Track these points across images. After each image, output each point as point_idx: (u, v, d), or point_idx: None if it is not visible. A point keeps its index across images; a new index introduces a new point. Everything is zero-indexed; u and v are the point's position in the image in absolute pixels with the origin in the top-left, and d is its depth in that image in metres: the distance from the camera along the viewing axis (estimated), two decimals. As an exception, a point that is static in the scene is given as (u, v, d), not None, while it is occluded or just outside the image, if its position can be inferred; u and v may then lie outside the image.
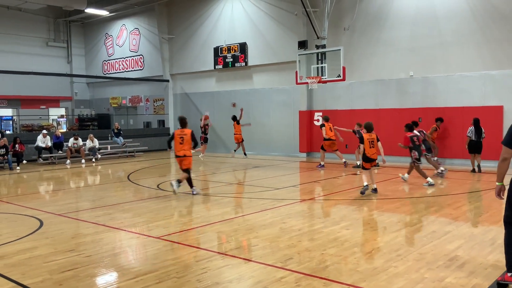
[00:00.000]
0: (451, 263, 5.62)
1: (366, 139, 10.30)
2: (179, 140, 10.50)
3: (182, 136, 10.50)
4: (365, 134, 10.39)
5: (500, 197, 4.83)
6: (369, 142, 10.31)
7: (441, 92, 16.40)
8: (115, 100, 29.90)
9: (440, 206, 9.15)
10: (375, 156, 10.44)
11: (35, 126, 26.19)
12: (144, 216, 8.79)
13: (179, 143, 10.46)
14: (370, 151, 10.33)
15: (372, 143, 10.34)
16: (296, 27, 19.77)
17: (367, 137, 10.32)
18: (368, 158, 10.36)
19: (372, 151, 10.36)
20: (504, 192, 4.81)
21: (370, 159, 10.38)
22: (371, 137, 10.39)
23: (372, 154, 10.37)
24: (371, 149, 10.33)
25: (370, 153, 10.33)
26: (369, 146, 10.29)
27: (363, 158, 10.45)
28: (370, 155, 10.34)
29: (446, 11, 16.16)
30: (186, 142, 10.42)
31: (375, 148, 10.39)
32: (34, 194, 12.03)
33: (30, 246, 6.71)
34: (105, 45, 29.95)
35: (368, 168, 10.53)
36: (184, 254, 6.16)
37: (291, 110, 20.67)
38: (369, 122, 10.61)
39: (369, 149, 10.30)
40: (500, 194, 4.83)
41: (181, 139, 10.45)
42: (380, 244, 6.51)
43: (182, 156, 10.50)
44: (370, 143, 10.32)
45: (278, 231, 7.33)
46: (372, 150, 10.36)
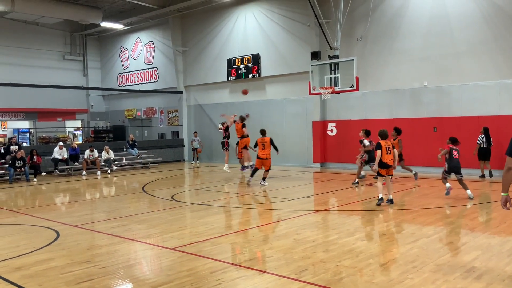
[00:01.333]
0: (468, 274, 5.54)
1: (383, 145, 10.23)
2: (261, 146, 14.24)
3: (264, 142, 14.24)
4: (381, 141, 10.32)
5: (506, 208, 4.72)
6: (386, 148, 10.26)
7: (456, 101, 16.27)
8: (130, 112, 30.23)
9: (457, 216, 9.04)
10: (391, 163, 10.34)
11: (51, 138, 26.57)
12: (159, 227, 8.84)
13: (261, 148, 14.20)
14: (387, 157, 10.26)
15: (388, 150, 10.29)
16: (308, 38, 19.84)
17: (383, 144, 10.26)
18: (384, 164, 10.27)
19: (389, 157, 10.30)
20: (510, 202, 4.71)
21: (386, 165, 10.28)
22: (387, 143, 10.37)
23: (389, 160, 10.29)
24: (387, 155, 10.27)
25: (386, 159, 10.25)
26: (386, 152, 10.23)
27: (379, 164, 10.31)
28: (386, 161, 10.25)
29: (459, 20, 16.09)
30: (267, 147, 14.11)
31: (391, 154, 10.34)
32: (50, 206, 12.17)
33: (47, 257, 6.79)
34: (120, 58, 30.37)
35: (383, 175, 10.42)
36: (198, 265, 6.17)
37: (305, 121, 20.67)
38: (384, 130, 10.60)
39: (386, 155, 10.24)
40: (506, 205, 4.72)
41: (263, 145, 14.19)
42: (395, 255, 6.46)
43: (265, 158, 14.24)
44: (387, 149, 10.27)
45: (292, 242, 7.31)
46: (389, 156, 10.30)
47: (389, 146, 10.36)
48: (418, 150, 16.86)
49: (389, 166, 10.36)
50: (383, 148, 10.22)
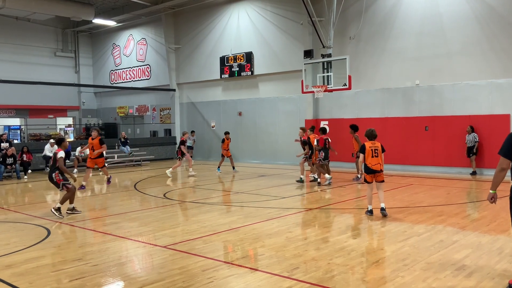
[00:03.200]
0: (458, 272, 5.59)
1: (367, 147, 9.05)
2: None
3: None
4: (367, 142, 9.15)
5: (492, 201, 5.10)
6: (372, 150, 9.03)
7: (448, 100, 16.37)
8: (122, 110, 30.09)
9: (448, 215, 9.10)
10: (378, 167, 9.01)
11: (42, 135, 26.38)
12: (151, 225, 8.81)
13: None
14: (372, 161, 8.99)
15: (375, 152, 9.02)
16: (302, 36, 19.86)
17: (368, 145, 9.07)
18: (369, 169, 9.04)
19: (375, 160, 9.00)
20: (496, 199, 5.08)
21: (371, 170, 9.02)
22: (374, 145, 9.10)
23: (375, 164, 8.99)
24: (373, 158, 9.00)
25: (372, 162, 8.99)
26: (371, 154, 9.00)
27: (364, 169, 9.19)
28: (372, 165, 8.99)
29: (452, 21, 16.18)
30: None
31: (379, 157, 9.03)
32: (41, 203, 12.09)
33: (38, 255, 6.75)
34: (113, 55, 30.21)
35: (370, 182, 9.17)
36: (190, 263, 6.16)
37: (297, 119, 20.69)
38: (370, 129, 9.33)
39: (370, 158, 9.00)
40: (491, 200, 5.10)
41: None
42: (387, 253, 6.49)
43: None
44: (373, 151, 9.02)
45: (284, 240, 7.32)
46: (375, 159, 9.00)
47: (376, 148, 9.06)
48: (410, 149, 16.96)
49: (376, 171, 9.03)
50: (367, 150, 9.03)
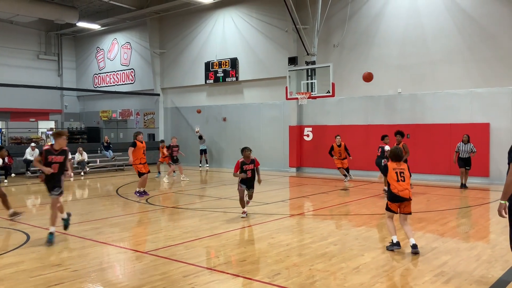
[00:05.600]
0: (436, 278, 5.67)
1: (391, 169, 7.09)
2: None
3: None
4: (391, 163, 7.19)
5: (502, 215, 4.73)
6: (397, 173, 7.06)
7: (429, 109, 16.63)
8: (105, 114, 29.85)
9: (428, 222, 9.22)
10: (406, 194, 6.97)
11: (24, 139, 26.01)
12: (132, 230, 8.74)
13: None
14: (399, 186, 6.99)
15: (402, 175, 7.05)
16: (286, 43, 19.99)
17: (393, 167, 7.11)
18: (395, 196, 7.01)
19: (402, 185, 6.99)
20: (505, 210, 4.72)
21: (398, 197, 6.99)
22: (400, 167, 7.13)
23: (402, 190, 6.97)
24: (399, 183, 7.00)
25: (398, 188, 6.98)
26: (396, 179, 7.03)
27: (388, 196, 7.20)
28: (398, 191, 6.98)
29: (434, 31, 16.48)
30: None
31: (406, 182, 7.04)
32: (21, 208, 11.88)
33: (16, 260, 6.65)
34: (96, 59, 29.99)
35: (394, 211, 7.15)
36: (171, 269, 6.14)
37: (281, 125, 20.79)
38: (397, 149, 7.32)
39: (396, 183, 7.01)
40: (502, 212, 4.72)
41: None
42: (367, 259, 6.55)
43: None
44: (399, 175, 7.05)
45: (266, 246, 7.35)
46: (402, 185, 6.99)
47: (402, 171, 7.09)
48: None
49: (404, 199, 7.00)
50: (390, 173, 7.08)
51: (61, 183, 7.98)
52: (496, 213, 4.82)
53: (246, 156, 9.70)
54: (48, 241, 7.54)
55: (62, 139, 8.05)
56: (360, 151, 17.63)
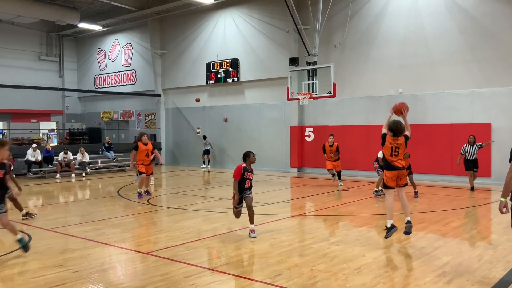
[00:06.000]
0: (438, 279, 5.66)
1: (388, 142, 7.31)
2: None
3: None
4: (389, 137, 7.34)
5: (503, 212, 4.83)
6: (392, 148, 7.28)
7: (430, 109, 16.61)
8: (106, 114, 29.87)
9: (429, 222, 9.21)
10: (399, 164, 7.21)
11: (25, 139, 26.05)
12: (134, 231, 8.75)
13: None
14: (392, 158, 7.25)
15: (396, 150, 7.25)
16: (287, 44, 19.99)
17: (389, 141, 7.30)
18: (389, 164, 7.23)
19: (395, 158, 7.24)
20: (507, 207, 4.82)
21: (392, 166, 7.20)
22: (397, 142, 7.26)
23: (396, 160, 7.22)
24: (391, 157, 7.27)
25: (392, 159, 7.24)
26: (390, 153, 7.28)
27: (384, 165, 7.42)
28: (392, 161, 7.23)
29: (435, 30, 16.46)
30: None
31: (399, 155, 7.27)
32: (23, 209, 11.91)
33: (19, 261, 6.66)
34: (98, 60, 30.03)
35: (392, 187, 7.28)
36: (173, 270, 6.14)
37: (283, 126, 20.78)
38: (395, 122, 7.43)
39: (389, 156, 7.27)
40: (503, 209, 4.82)
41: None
42: (368, 260, 6.54)
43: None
44: (394, 149, 7.26)
45: (267, 246, 7.34)
46: (395, 158, 7.25)
47: (399, 146, 7.25)
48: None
49: (398, 168, 7.19)
50: (386, 145, 7.32)
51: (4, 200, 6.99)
52: (498, 213, 4.82)
53: (252, 162, 8.13)
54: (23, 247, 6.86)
55: (4, 150, 6.80)
56: (361, 152, 17.63)
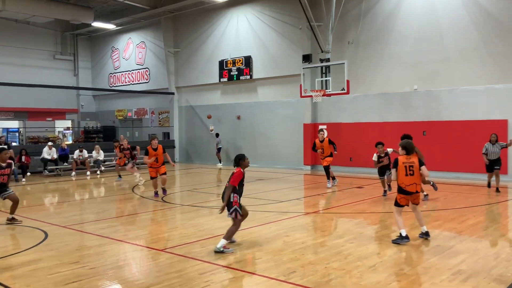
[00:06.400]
0: (454, 277, 5.61)
1: (401, 163, 7.24)
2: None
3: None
4: (402, 157, 7.31)
5: None
6: (406, 168, 7.20)
7: (445, 105, 16.43)
8: (120, 113, 30.11)
9: (444, 220, 9.12)
10: (412, 188, 7.21)
11: (41, 138, 26.37)
12: (148, 228, 8.81)
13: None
14: (406, 180, 7.21)
15: (411, 169, 7.18)
16: (300, 41, 19.92)
17: (403, 161, 7.24)
18: (403, 190, 7.28)
19: (409, 180, 7.20)
20: None
21: (405, 191, 7.26)
22: (410, 160, 7.22)
23: (409, 185, 7.21)
24: (407, 177, 7.20)
25: (405, 183, 7.21)
26: (405, 173, 7.20)
27: (397, 189, 7.42)
28: (405, 186, 7.22)
29: (449, 26, 16.26)
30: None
31: (415, 176, 7.17)
32: (39, 206, 12.09)
33: (35, 257, 6.75)
34: (112, 58, 30.25)
35: (402, 205, 7.40)
36: (187, 267, 6.17)
37: (296, 123, 20.73)
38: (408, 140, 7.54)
39: (404, 177, 7.22)
40: None
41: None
42: (383, 258, 6.50)
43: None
44: (408, 169, 7.19)
45: (281, 244, 7.34)
46: (409, 179, 7.19)
47: (412, 165, 7.19)
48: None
49: (410, 192, 7.23)
50: (400, 167, 7.23)
51: None
52: None
53: (246, 166, 7.40)
54: None
55: None
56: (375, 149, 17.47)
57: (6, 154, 9.14)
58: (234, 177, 7.07)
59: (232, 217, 7.06)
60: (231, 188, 7.04)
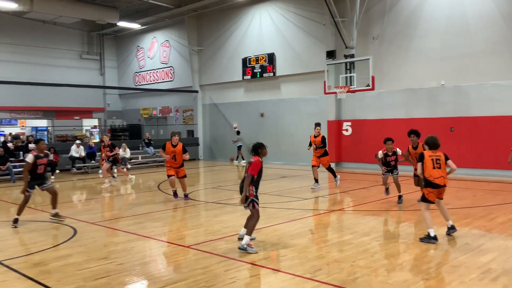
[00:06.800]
0: (484, 276, 5.49)
1: (427, 157, 7.22)
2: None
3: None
4: (427, 151, 7.35)
5: None
6: (433, 160, 7.19)
7: (474, 101, 16.07)
8: (146, 111, 30.48)
9: (473, 217, 8.94)
10: (441, 181, 7.12)
11: (69, 136, 26.93)
12: (174, 225, 8.90)
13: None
14: (434, 173, 7.14)
15: (437, 162, 7.18)
16: (324, 37, 19.78)
17: (429, 154, 7.25)
18: (430, 182, 7.15)
19: (438, 172, 7.14)
20: None
21: (434, 184, 7.13)
22: (436, 154, 7.26)
23: (438, 177, 7.12)
24: (435, 170, 7.15)
25: (434, 175, 7.12)
26: (432, 165, 7.17)
27: (425, 182, 7.30)
28: (433, 178, 7.12)
29: (477, 20, 15.88)
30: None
31: (442, 169, 7.19)
32: (68, 203, 12.34)
33: (65, 253, 6.89)
34: (137, 57, 30.63)
35: (432, 201, 7.25)
36: (213, 263, 6.21)
37: (319, 120, 20.51)
38: (433, 136, 7.44)
39: (432, 170, 7.15)
40: None
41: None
42: (411, 256, 6.41)
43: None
44: (435, 161, 7.18)
45: (306, 241, 7.32)
46: (437, 171, 7.14)
47: (439, 158, 7.23)
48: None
49: (439, 185, 7.13)
50: (427, 159, 7.21)
51: None
52: None
53: (264, 154, 7.18)
54: None
55: None
56: (401, 146, 17.17)
57: (44, 144, 9.40)
58: (252, 166, 6.83)
59: (250, 208, 6.93)
60: (250, 177, 6.82)
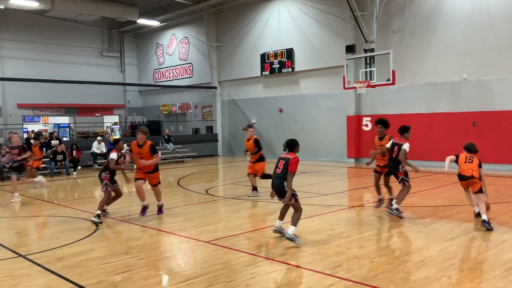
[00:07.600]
0: (508, 273, 5.38)
1: (462, 155, 7.99)
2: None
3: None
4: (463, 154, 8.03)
5: None
6: (466, 157, 7.92)
7: (497, 95, 15.75)
8: (165, 107, 30.70)
9: (497, 213, 8.76)
10: (468, 173, 7.73)
11: (90, 133, 27.29)
12: (194, 220, 8.96)
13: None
14: (464, 166, 7.85)
15: (470, 158, 7.87)
16: (343, 31, 19.59)
17: (465, 154, 8.00)
18: (459, 175, 7.93)
19: (467, 166, 7.82)
20: None
21: (461, 175, 7.88)
22: (470, 154, 7.95)
23: (466, 169, 7.79)
24: (466, 164, 7.85)
25: (462, 168, 7.83)
26: (464, 161, 7.88)
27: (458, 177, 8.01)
28: (462, 170, 7.84)
29: (501, 12, 15.53)
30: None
31: (473, 164, 7.81)
32: (90, 198, 12.53)
33: (87, 248, 7.00)
34: (156, 54, 30.85)
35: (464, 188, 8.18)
36: (233, 259, 6.23)
37: (339, 115, 20.45)
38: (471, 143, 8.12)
39: (463, 164, 7.87)
40: None
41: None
42: (433, 252, 6.32)
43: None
44: (468, 158, 7.88)
45: (326, 237, 7.28)
46: (467, 165, 7.83)
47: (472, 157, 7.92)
48: (457, 146, 16.34)
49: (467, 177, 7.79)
50: (461, 157, 7.97)
51: None
52: None
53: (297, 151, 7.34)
54: None
55: None
56: (423, 141, 17.01)
57: (122, 144, 9.61)
58: (293, 164, 6.96)
59: (292, 202, 7.09)
60: (293, 175, 6.97)
